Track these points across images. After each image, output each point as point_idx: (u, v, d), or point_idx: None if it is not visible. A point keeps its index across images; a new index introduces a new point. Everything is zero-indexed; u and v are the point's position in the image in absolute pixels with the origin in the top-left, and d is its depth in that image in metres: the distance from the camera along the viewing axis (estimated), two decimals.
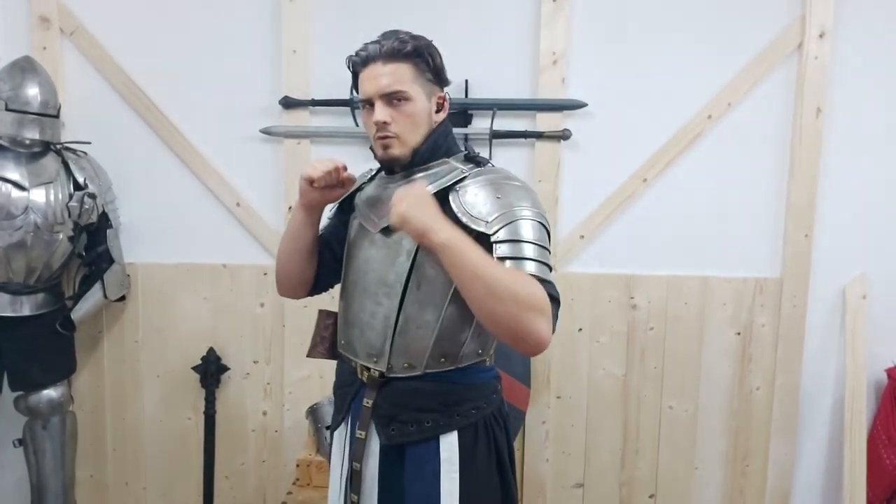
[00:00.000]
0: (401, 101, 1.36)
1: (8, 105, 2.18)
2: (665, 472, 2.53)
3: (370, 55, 1.37)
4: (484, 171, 1.40)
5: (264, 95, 2.43)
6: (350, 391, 1.48)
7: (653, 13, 2.36)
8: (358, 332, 1.45)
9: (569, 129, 2.38)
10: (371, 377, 1.43)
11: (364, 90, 1.39)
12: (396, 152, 1.39)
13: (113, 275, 2.40)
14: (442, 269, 1.28)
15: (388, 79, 1.35)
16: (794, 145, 2.37)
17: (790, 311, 2.42)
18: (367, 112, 1.41)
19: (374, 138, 1.40)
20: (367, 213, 1.46)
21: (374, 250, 1.43)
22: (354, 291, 1.47)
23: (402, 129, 1.37)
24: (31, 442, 2.36)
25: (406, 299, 1.38)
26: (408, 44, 1.36)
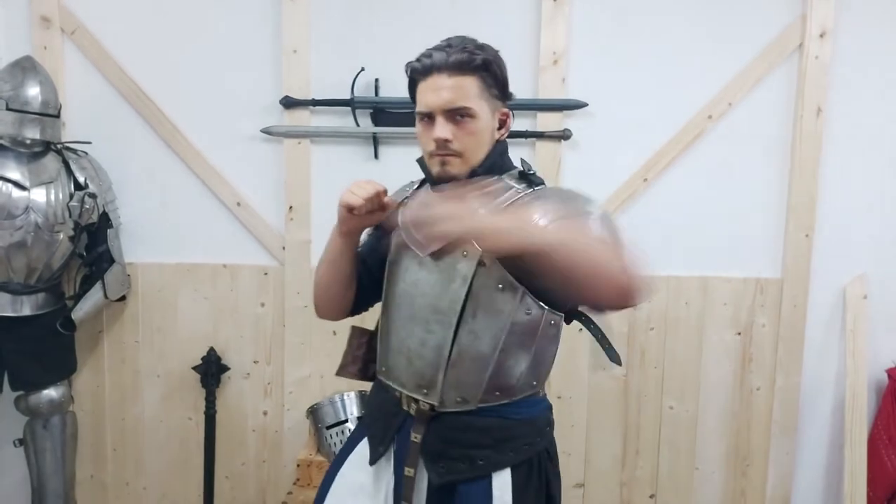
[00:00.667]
0: (464, 117, 1.27)
1: (9, 105, 2.18)
2: (665, 472, 2.53)
3: (434, 64, 1.26)
4: (543, 193, 1.32)
5: (265, 95, 2.43)
6: (393, 422, 1.37)
7: (653, 13, 2.36)
8: (404, 361, 1.34)
9: (569, 128, 2.37)
10: (420, 410, 1.32)
11: (425, 102, 1.28)
12: (455, 171, 1.29)
13: (113, 275, 2.40)
14: (500, 298, 1.26)
15: (454, 93, 1.25)
16: (795, 145, 2.36)
17: (790, 311, 2.42)
18: (424, 125, 1.30)
19: (429, 154, 1.31)
20: (414, 235, 1.32)
21: (425, 273, 1.32)
22: (399, 316, 1.36)
23: (464, 147, 1.28)
24: (31, 442, 2.36)
25: (461, 329, 1.28)
26: (477, 56, 1.26)
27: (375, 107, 2.39)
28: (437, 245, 1.17)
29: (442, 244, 1.13)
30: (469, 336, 1.29)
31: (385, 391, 1.40)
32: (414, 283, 1.34)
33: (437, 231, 1.08)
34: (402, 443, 1.35)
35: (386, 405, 1.39)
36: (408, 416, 1.35)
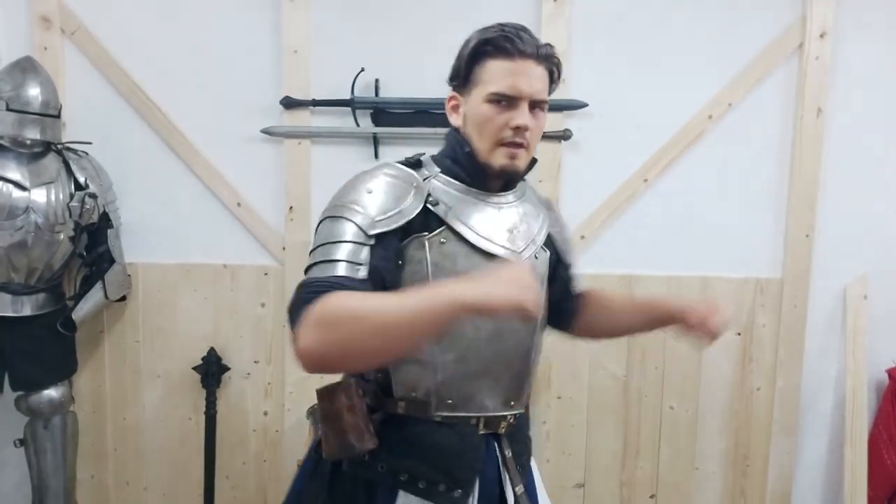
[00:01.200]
0: (538, 110, 1.22)
1: (9, 105, 2.17)
2: (666, 472, 2.53)
3: (526, 49, 1.19)
4: (544, 199, 1.44)
5: (265, 95, 2.43)
6: (473, 457, 1.24)
7: (653, 13, 2.36)
8: (490, 382, 1.24)
9: (569, 129, 2.38)
10: (509, 425, 1.28)
11: (514, 85, 1.18)
12: (522, 164, 1.22)
13: (114, 275, 2.40)
14: (544, 291, 1.33)
15: (542, 84, 1.21)
16: (795, 145, 2.37)
17: (791, 311, 2.42)
18: (495, 108, 1.19)
19: (496, 141, 1.20)
20: (500, 243, 1.23)
21: None
22: (482, 335, 1.21)
23: (533, 140, 1.23)
24: (32, 442, 2.36)
25: (538, 329, 1.31)
26: (556, 55, 1.24)
27: (375, 107, 2.39)
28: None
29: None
30: (540, 335, 1.33)
31: (449, 427, 1.22)
32: None
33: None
34: (492, 470, 1.26)
35: (458, 443, 1.23)
36: (489, 438, 1.26)
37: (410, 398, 1.22)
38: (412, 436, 1.22)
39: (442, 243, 1.20)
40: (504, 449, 1.28)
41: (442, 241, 1.20)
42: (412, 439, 1.22)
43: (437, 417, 1.22)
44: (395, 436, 1.22)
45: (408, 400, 1.22)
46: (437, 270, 1.18)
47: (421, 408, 1.22)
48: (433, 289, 0.99)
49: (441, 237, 1.20)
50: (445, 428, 1.22)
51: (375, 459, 1.22)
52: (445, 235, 1.20)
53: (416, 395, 1.22)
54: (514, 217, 1.27)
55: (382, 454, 1.22)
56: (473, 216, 1.23)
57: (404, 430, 1.22)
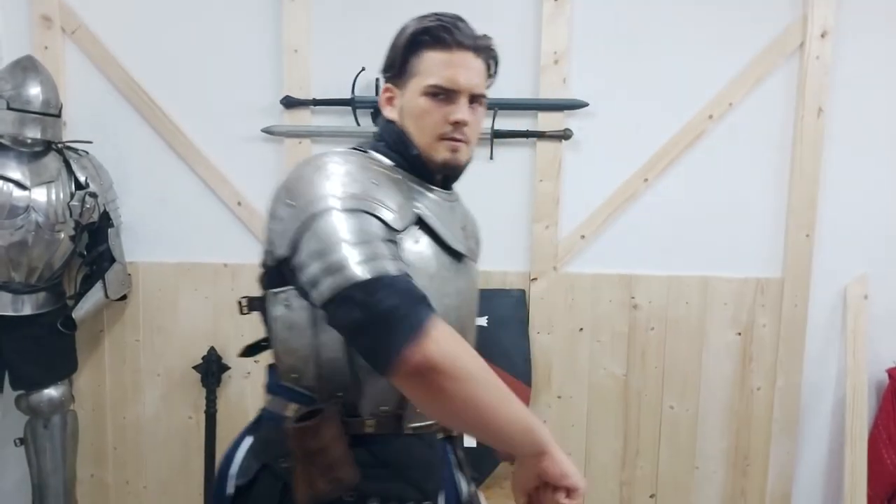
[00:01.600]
0: (476, 105, 1.18)
1: (10, 104, 2.18)
2: (666, 472, 2.53)
3: (464, 40, 1.14)
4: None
5: (265, 95, 2.43)
6: (437, 464, 1.20)
7: (654, 13, 2.36)
8: None
9: (570, 128, 2.37)
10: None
11: (451, 77, 1.13)
12: (464, 159, 1.18)
13: (114, 274, 2.40)
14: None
15: (480, 78, 1.17)
16: (796, 145, 2.36)
17: (791, 311, 2.42)
18: (433, 102, 1.14)
19: (436, 136, 1.15)
20: (463, 241, 1.20)
21: (465, 280, 1.20)
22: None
23: (473, 135, 1.18)
24: (32, 441, 2.36)
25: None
26: (492, 46, 1.20)
27: (376, 106, 2.38)
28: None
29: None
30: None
31: (420, 438, 1.16)
32: (458, 293, 1.16)
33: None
34: (452, 473, 1.24)
35: (430, 453, 1.18)
36: (444, 443, 1.23)
37: (380, 414, 1.12)
38: (384, 454, 1.12)
39: (416, 242, 1.11)
40: (457, 450, 1.25)
41: (416, 239, 1.11)
42: (385, 458, 1.12)
43: (408, 430, 1.13)
44: (365, 458, 1.09)
45: (378, 416, 1.12)
46: (411, 270, 1.03)
47: (392, 422, 1.13)
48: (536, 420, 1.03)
49: (414, 236, 1.10)
50: (416, 439, 1.15)
51: (344, 485, 1.08)
52: (418, 234, 1.11)
53: (387, 409, 1.12)
54: (461, 215, 1.25)
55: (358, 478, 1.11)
56: (440, 213, 1.16)
57: (375, 449, 1.11)
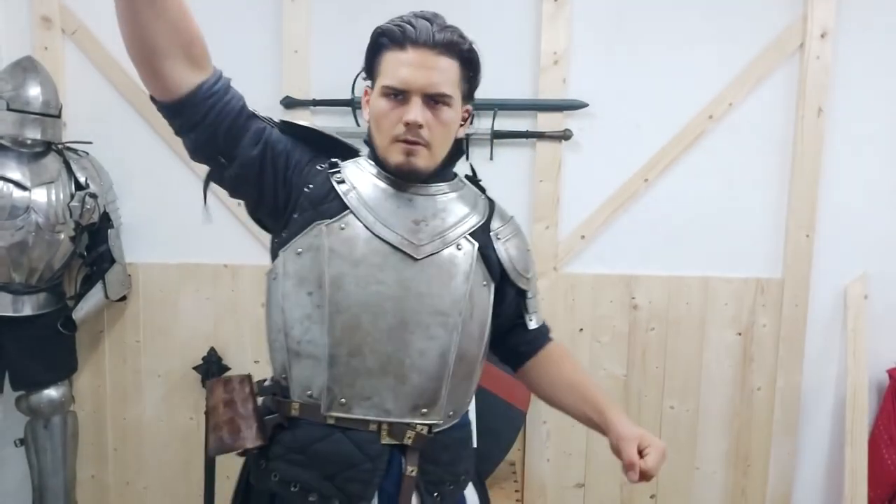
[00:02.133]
0: (440, 105, 1.13)
1: (9, 105, 2.18)
2: (666, 472, 2.51)
3: (418, 37, 1.11)
4: (502, 211, 1.32)
5: (265, 95, 2.43)
6: (370, 468, 1.12)
7: (654, 13, 2.36)
8: (392, 382, 1.12)
9: (570, 129, 2.37)
10: (418, 435, 1.13)
11: (402, 77, 1.11)
12: (422, 163, 1.15)
13: (114, 274, 2.40)
14: (484, 294, 1.21)
15: (439, 76, 1.12)
16: (796, 145, 2.36)
17: (791, 311, 2.42)
18: (389, 102, 1.13)
19: (391, 138, 1.14)
20: (399, 232, 1.15)
21: (415, 272, 1.14)
22: (379, 327, 1.12)
23: (434, 138, 1.14)
24: (32, 442, 2.36)
25: (462, 330, 1.15)
26: (465, 42, 1.15)
27: None
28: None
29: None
30: (468, 338, 1.18)
31: (343, 432, 1.12)
32: (400, 284, 1.13)
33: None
34: (391, 485, 1.14)
35: (352, 452, 1.12)
36: (393, 449, 1.14)
37: (305, 398, 1.14)
38: (303, 440, 1.13)
39: (342, 229, 1.14)
40: (408, 464, 1.13)
41: (342, 226, 1.14)
42: (303, 445, 1.13)
43: (329, 419, 1.12)
44: (288, 440, 1.14)
45: (302, 401, 1.14)
46: (334, 256, 1.12)
47: (314, 409, 1.13)
48: None
49: (342, 223, 1.14)
50: (339, 433, 1.12)
51: (270, 468, 1.15)
52: (346, 221, 1.14)
53: (311, 395, 1.14)
54: (426, 209, 1.18)
55: (277, 462, 1.15)
56: (379, 202, 1.16)
57: (297, 433, 1.14)
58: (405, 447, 1.14)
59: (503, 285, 1.27)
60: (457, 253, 1.17)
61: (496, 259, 1.24)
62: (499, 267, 1.25)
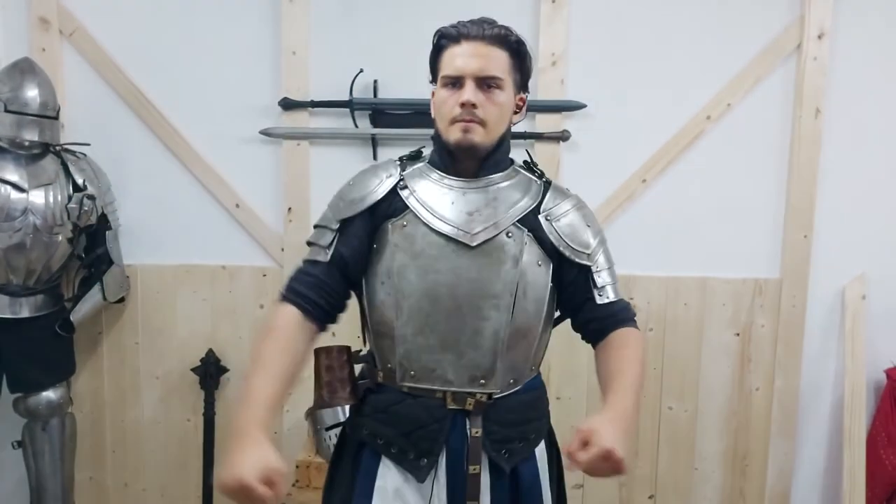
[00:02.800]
0: (493, 88, 1.27)
1: (7, 106, 2.17)
2: (665, 472, 2.53)
3: (470, 32, 1.27)
4: (560, 189, 1.42)
5: (264, 97, 2.43)
6: (437, 429, 1.29)
7: (652, 14, 2.36)
8: (452, 357, 1.28)
9: (568, 129, 2.38)
10: (478, 402, 1.30)
11: (456, 66, 1.27)
12: (478, 139, 1.27)
13: (112, 276, 2.40)
14: (539, 273, 1.32)
15: (488, 62, 1.26)
16: (794, 146, 2.37)
17: (789, 311, 2.42)
18: (448, 90, 1.28)
19: (451, 119, 1.27)
20: (453, 224, 1.29)
21: (467, 260, 1.28)
22: (438, 310, 1.28)
23: (488, 117, 1.27)
24: (30, 444, 2.36)
25: (515, 309, 1.29)
26: (512, 35, 1.30)
27: (374, 108, 2.39)
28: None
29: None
30: (522, 315, 1.30)
31: (415, 399, 1.30)
32: (454, 272, 1.28)
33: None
34: (458, 444, 1.30)
35: (423, 414, 1.30)
36: (457, 414, 1.30)
37: (387, 369, 1.34)
38: (385, 403, 1.33)
39: (404, 226, 1.30)
40: (472, 427, 1.30)
41: (404, 223, 1.30)
42: (385, 407, 1.33)
43: (404, 388, 1.31)
44: (374, 402, 1.35)
45: (385, 370, 1.34)
46: (396, 250, 1.29)
47: (392, 378, 1.32)
48: (248, 411, 1.18)
49: (404, 220, 1.31)
50: (411, 399, 1.31)
51: (362, 423, 1.36)
52: (408, 219, 1.31)
53: (390, 366, 1.33)
54: (479, 201, 1.32)
55: (367, 418, 1.36)
56: (435, 199, 1.31)
57: (380, 397, 1.34)
58: (468, 412, 1.30)
59: (563, 263, 1.35)
60: (507, 240, 1.30)
61: (548, 240, 1.34)
62: (552, 246, 1.34)
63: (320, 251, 1.33)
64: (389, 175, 1.35)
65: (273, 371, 1.22)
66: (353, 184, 1.37)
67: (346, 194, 1.36)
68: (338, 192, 1.39)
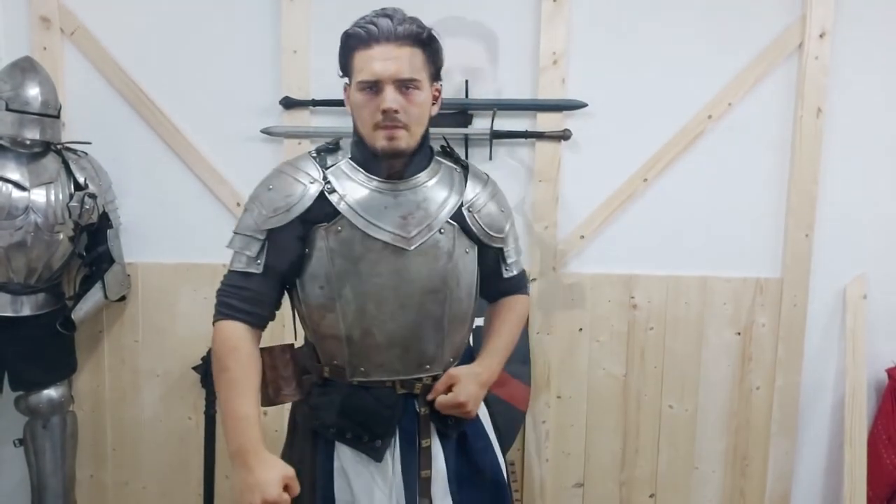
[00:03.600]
0: (411, 89, 1.28)
1: (8, 105, 2.18)
2: (665, 471, 2.53)
3: (382, 33, 1.26)
4: (477, 176, 1.48)
5: (264, 95, 2.43)
6: (390, 414, 1.38)
7: (653, 13, 2.36)
8: (399, 351, 1.36)
9: (569, 129, 2.37)
10: (424, 385, 1.40)
11: (372, 70, 1.26)
12: (403, 144, 1.30)
13: (113, 275, 2.40)
14: (468, 259, 1.41)
15: (405, 64, 1.27)
16: (795, 145, 2.37)
17: (790, 311, 2.42)
18: (366, 95, 1.28)
19: (373, 126, 1.29)
20: (390, 230, 1.32)
21: (406, 261, 1.33)
22: (384, 311, 1.34)
23: (410, 119, 1.29)
24: (31, 442, 2.36)
25: (452, 298, 1.37)
26: (424, 31, 1.31)
27: None
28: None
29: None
30: (457, 303, 1.39)
31: (366, 390, 1.38)
32: (396, 273, 1.33)
33: (472, 414, 1.42)
34: (409, 425, 1.39)
35: (374, 403, 1.38)
36: (406, 397, 1.39)
37: (332, 365, 1.40)
38: (333, 395, 1.39)
39: (339, 231, 1.32)
40: (420, 406, 1.40)
41: (339, 229, 1.32)
42: (335, 399, 1.39)
43: (354, 382, 1.38)
44: (323, 396, 1.41)
45: (330, 366, 1.40)
46: (335, 256, 1.32)
47: (340, 373, 1.39)
48: (241, 434, 1.25)
49: (338, 225, 1.32)
50: (362, 391, 1.38)
51: (313, 415, 1.42)
52: (342, 224, 1.32)
53: (336, 363, 1.39)
54: (410, 204, 1.35)
55: (318, 411, 1.41)
56: (368, 204, 1.33)
57: (329, 391, 1.40)
58: (415, 394, 1.39)
59: (482, 246, 1.45)
60: (440, 237, 1.36)
61: (471, 229, 1.42)
62: (474, 235, 1.43)
63: (251, 262, 1.34)
64: (312, 181, 1.34)
65: (249, 390, 1.30)
66: (273, 188, 1.35)
67: (268, 202, 1.34)
68: (255, 196, 1.38)
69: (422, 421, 1.40)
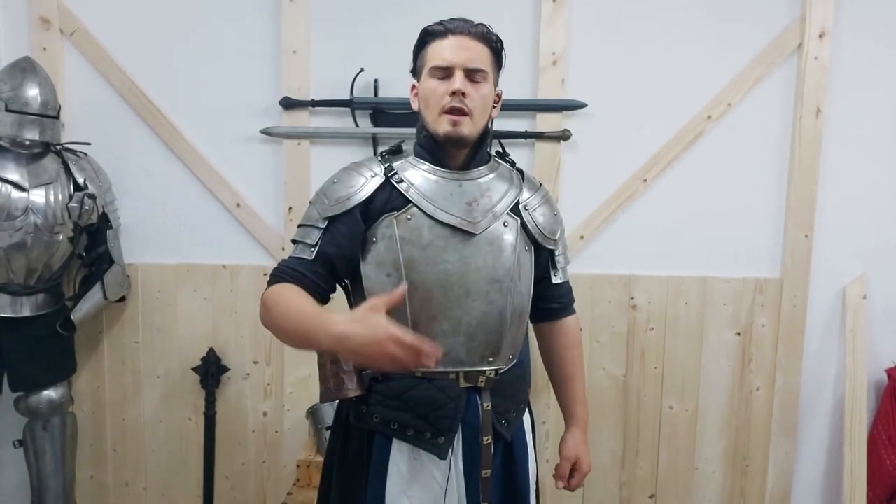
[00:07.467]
0: (479, 80, 1.35)
1: (8, 106, 2.17)
2: (665, 472, 2.53)
3: (457, 27, 1.36)
4: (530, 181, 1.53)
5: (264, 96, 2.43)
6: (454, 407, 1.36)
7: (653, 14, 2.36)
8: (463, 339, 1.36)
9: (569, 129, 2.38)
10: (488, 379, 1.39)
11: (445, 56, 1.34)
12: (466, 130, 1.35)
13: (113, 275, 2.40)
14: (527, 257, 1.44)
15: (476, 54, 1.35)
16: (794, 145, 2.37)
17: (790, 311, 2.42)
18: (437, 81, 1.35)
19: (440, 110, 1.34)
20: (457, 214, 1.36)
21: (472, 249, 1.36)
22: (449, 297, 1.35)
23: (475, 107, 1.35)
24: (31, 443, 2.36)
25: (514, 291, 1.40)
26: (494, 36, 1.40)
27: (375, 107, 2.39)
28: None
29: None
30: (518, 297, 1.41)
31: (430, 382, 1.36)
32: (462, 261, 1.35)
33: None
34: (472, 419, 1.38)
35: (439, 395, 1.36)
36: (470, 391, 1.38)
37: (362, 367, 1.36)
38: (398, 390, 1.37)
39: (408, 219, 1.35)
40: (483, 402, 1.39)
41: (408, 217, 1.35)
42: (398, 393, 1.37)
43: (417, 373, 1.34)
44: (384, 390, 1.38)
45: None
46: (404, 243, 1.34)
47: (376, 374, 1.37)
48: (325, 318, 1.15)
49: (408, 214, 1.35)
50: (426, 383, 1.36)
51: (371, 412, 1.38)
52: (412, 212, 1.36)
53: None
54: (474, 191, 1.40)
55: (376, 406, 1.38)
56: (434, 191, 1.37)
57: (391, 385, 1.37)
58: (479, 388, 1.39)
59: (536, 248, 1.48)
60: (504, 228, 1.40)
61: (528, 228, 1.46)
62: (531, 234, 1.46)
63: (305, 249, 1.36)
64: (374, 174, 1.39)
65: (309, 300, 1.27)
66: (337, 181, 1.40)
67: (332, 193, 1.38)
68: (321, 189, 1.42)
69: (483, 416, 1.39)
